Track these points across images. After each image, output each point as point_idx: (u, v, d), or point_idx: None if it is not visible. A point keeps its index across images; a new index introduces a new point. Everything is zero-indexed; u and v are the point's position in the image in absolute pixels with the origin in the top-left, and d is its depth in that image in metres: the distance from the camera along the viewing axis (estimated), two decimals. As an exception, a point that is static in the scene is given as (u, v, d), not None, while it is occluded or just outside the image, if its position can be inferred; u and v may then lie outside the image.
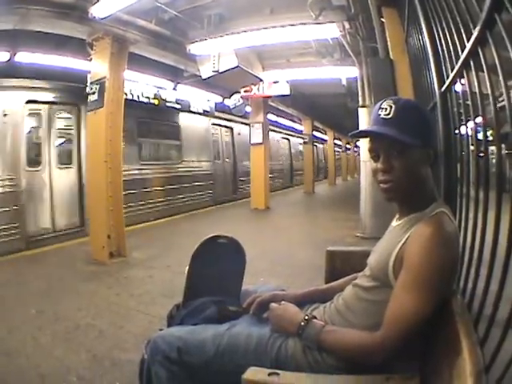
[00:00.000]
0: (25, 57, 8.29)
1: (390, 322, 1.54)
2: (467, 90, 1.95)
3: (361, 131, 1.89)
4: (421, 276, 1.51)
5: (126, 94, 8.34)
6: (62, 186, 9.31)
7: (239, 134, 17.78)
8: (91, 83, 7.13)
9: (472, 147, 2.09)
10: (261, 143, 14.14)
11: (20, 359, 3.50)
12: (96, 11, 6.29)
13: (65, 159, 9.53)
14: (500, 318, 1.48)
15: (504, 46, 1.35)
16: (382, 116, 1.72)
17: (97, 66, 7.14)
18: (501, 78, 1.43)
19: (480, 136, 1.92)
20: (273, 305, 1.92)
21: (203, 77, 9.21)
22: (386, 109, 1.71)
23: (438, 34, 2.54)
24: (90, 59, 7.30)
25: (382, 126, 1.71)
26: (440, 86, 2.58)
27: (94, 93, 7.02)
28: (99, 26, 6.65)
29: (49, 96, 9.11)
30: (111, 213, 6.92)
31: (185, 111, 13.77)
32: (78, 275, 6.07)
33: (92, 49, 7.17)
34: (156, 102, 11.83)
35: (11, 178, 8.09)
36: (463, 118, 2.24)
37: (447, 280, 1.59)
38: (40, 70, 8.62)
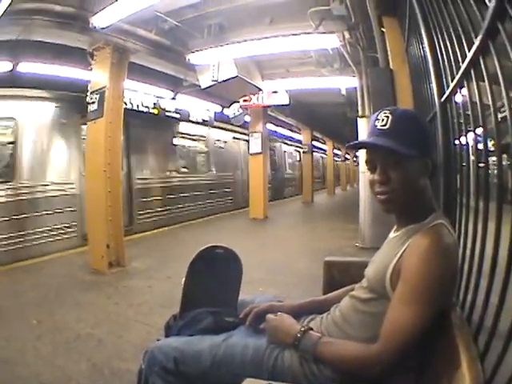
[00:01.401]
0: (27, 67, 8.29)
1: (387, 335, 1.53)
2: (468, 100, 1.94)
3: (357, 143, 1.86)
4: (418, 288, 1.50)
5: (125, 104, 8.36)
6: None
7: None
8: (91, 93, 7.13)
9: (472, 157, 2.08)
10: (260, 153, 14.15)
11: (21, 368, 3.51)
12: (97, 21, 6.33)
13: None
14: (501, 331, 1.46)
15: (505, 56, 1.33)
16: (379, 127, 1.71)
17: (97, 76, 7.15)
18: (502, 88, 1.41)
19: (480, 146, 1.90)
20: (269, 316, 1.91)
21: (202, 86, 9.24)
22: (383, 120, 1.71)
23: (439, 44, 2.53)
24: (91, 69, 7.31)
25: (378, 137, 1.70)
26: (440, 96, 2.57)
27: (93, 102, 7.02)
28: (100, 35, 6.69)
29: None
30: (110, 222, 6.91)
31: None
32: (78, 285, 6.05)
33: (93, 58, 7.20)
34: (156, 111, 11.80)
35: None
36: (463, 128, 2.22)
37: (446, 292, 1.57)
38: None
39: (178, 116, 12.90)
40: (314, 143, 24.44)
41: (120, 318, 4.71)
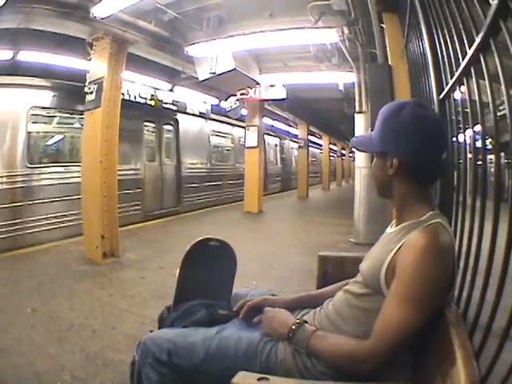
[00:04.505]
0: (27, 56, 8.31)
1: (380, 333, 1.52)
2: (467, 97, 1.93)
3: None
4: (413, 288, 1.49)
5: (122, 95, 8.34)
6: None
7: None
8: (89, 83, 7.11)
9: (470, 155, 2.07)
10: (256, 146, 14.10)
11: (16, 356, 3.52)
12: (97, 11, 6.34)
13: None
14: (496, 329, 1.46)
15: (506, 54, 1.33)
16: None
17: (96, 66, 7.13)
18: (503, 86, 1.41)
19: (478, 144, 1.90)
20: (267, 308, 1.93)
21: (200, 78, 9.21)
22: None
23: (439, 40, 2.52)
24: (90, 59, 7.29)
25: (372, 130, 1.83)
26: (438, 93, 2.57)
27: (91, 92, 7.00)
28: (100, 25, 6.69)
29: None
30: (105, 213, 6.89)
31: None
32: (72, 274, 6.05)
33: (92, 48, 7.19)
34: (153, 102, 11.77)
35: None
36: (461, 125, 2.21)
37: (441, 293, 1.56)
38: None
39: (174, 108, 12.86)
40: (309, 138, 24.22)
41: (114, 308, 4.70)
